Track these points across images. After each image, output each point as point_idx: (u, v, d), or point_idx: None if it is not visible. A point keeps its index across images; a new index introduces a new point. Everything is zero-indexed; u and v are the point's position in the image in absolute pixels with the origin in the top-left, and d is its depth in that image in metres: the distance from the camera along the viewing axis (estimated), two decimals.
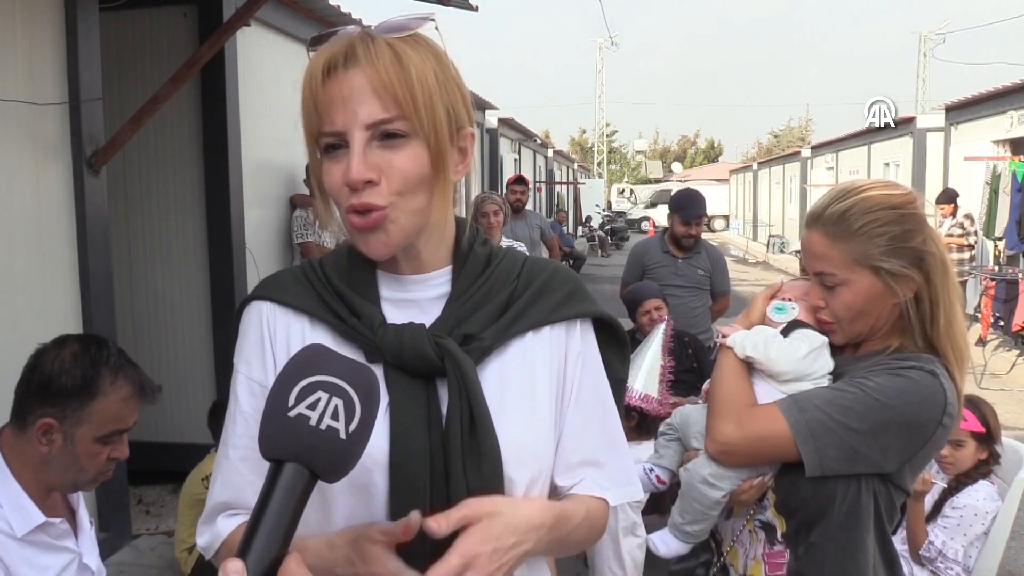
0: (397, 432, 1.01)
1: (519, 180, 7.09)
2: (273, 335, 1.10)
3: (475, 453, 1.01)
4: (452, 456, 1.01)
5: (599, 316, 1.17)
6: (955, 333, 1.52)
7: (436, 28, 1.06)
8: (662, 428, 1.88)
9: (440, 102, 1.02)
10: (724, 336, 1.62)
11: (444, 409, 1.04)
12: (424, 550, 0.94)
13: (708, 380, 1.75)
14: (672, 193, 5.06)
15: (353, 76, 0.99)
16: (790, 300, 1.62)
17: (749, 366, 1.58)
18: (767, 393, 1.55)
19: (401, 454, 1.00)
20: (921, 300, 1.51)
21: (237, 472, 1.09)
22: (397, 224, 1.02)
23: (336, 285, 1.10)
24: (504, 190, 7.45)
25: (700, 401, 1.76)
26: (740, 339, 1.58)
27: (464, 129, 1.08)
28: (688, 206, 4.80)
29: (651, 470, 1.86)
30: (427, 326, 1.06)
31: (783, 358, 1.53)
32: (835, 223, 1.50)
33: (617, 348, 1.21)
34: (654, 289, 4.16)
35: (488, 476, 1.01)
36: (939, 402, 1.45)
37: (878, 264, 1.48)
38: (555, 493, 1.15)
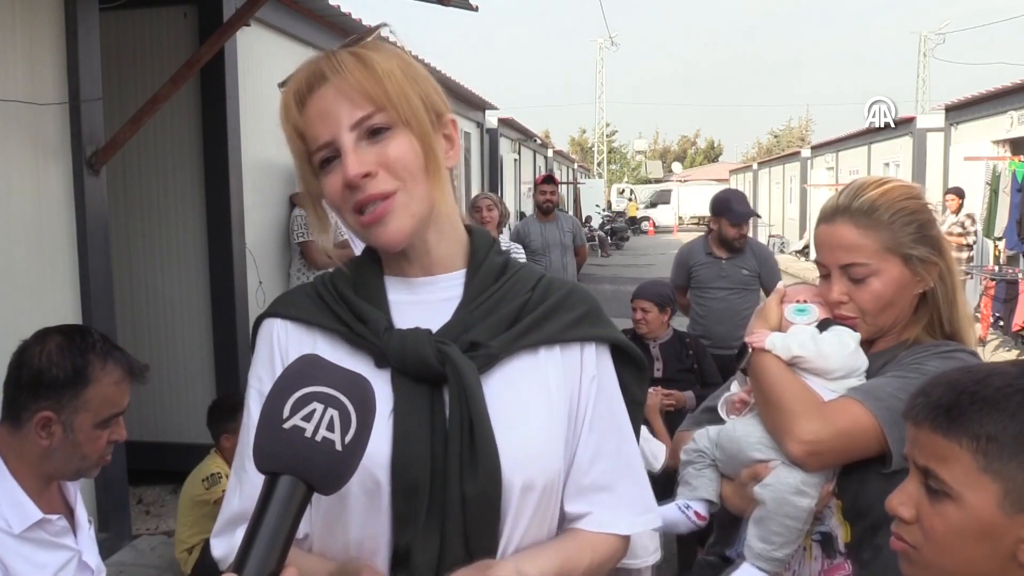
0: (399, 436, 1.03)
1: (548, 179, 6.52)
2: (285, 351, 1.13)
3: (472, 459, 1.02)
4: (450, 461, 1.02)
5: (615, 342, 1.16)
6: (967, 319, 1.56)
7: (391, 32, 1.12)
8: (685, 456, 1.62)
9: (412, 91, 1.06)
10: (755, 341, 1.52)
11: (448, 414, 1.04)
12: None
13: (719, 388, 1.69)
14: (714, 195, 4.93)
15: (325, 93, 1.04)
16: (805, 302, 1.56)
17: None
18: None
19: (402, 457, 1.02)
20: (946, 286, 1.53)
21: (254, 484, 1.10)
22: (406, 209, 1.05)
23: (344, 294, 1.12)
24: (529, 190, 7.25)
25: (729, 416, 1.60)
26: (781, 340, 1.50)
27: (444, 116, 1.11)
28: (736, 208, 4.68)
29: (687, 507, 1.57)
30: (435, 330, 1.07)
31: (835, 353, 1.47)
32: (866, 213, 1.50)
33: (634, 371, 1.19)
34: (648, 291, 4.11)
35: (483, 482, 1.02)
36: None
37: (909, 252, 1.49)
38: (565, 520, 1.14)
